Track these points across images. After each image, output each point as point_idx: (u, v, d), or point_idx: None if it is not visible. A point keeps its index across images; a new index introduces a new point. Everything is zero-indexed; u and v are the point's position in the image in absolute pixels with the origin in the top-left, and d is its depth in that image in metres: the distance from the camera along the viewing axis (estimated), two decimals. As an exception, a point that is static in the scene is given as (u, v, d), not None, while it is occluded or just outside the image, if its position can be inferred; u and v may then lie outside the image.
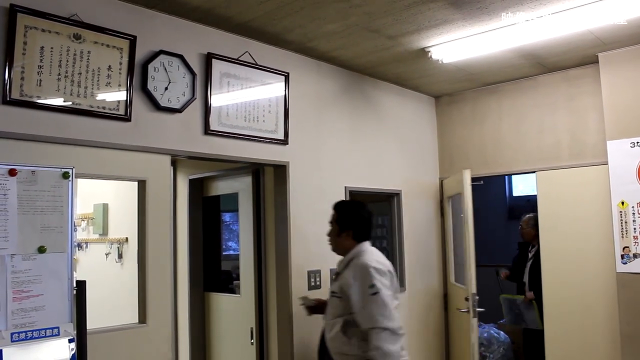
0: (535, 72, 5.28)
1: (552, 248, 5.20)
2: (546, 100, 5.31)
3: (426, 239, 5.80)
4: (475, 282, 4.89)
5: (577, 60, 4.93)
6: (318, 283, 4.48)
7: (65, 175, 2.75)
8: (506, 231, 8.62)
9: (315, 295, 4.18)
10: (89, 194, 5.42)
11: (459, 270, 5.59)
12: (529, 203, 6.86)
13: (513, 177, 8.73)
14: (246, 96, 4.07)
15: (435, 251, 5.92)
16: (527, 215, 6.13)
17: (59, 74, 3.08)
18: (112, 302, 4.56)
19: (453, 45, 4.37)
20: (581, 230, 4.99)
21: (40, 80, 3.00)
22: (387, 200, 5.58)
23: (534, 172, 5.36)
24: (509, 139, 5.56)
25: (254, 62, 4.13)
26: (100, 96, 3.26)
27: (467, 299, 4.93)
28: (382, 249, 6.32)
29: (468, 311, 4.89)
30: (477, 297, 4.85)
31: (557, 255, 5.15)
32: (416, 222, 5.67)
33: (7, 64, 2.87)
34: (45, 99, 3.03)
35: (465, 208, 4.99)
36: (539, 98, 5.36)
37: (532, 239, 5.98)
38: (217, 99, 3.88)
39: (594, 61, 4.86)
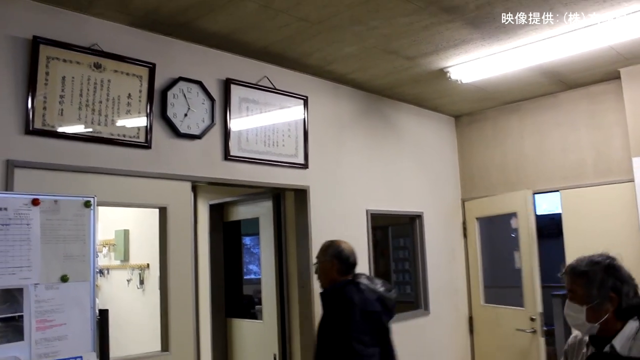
0: (557, 89, 5.24)
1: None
2: (568, 117, 5.27)
3: (449, 261, 5.74)
4: (540, 302, 5.03)
5: (599, 76, 4.89)
6: (341, 308, 4.44)
7: (87, 204, 2.77)
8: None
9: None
10: (110, 220, 5.46)
11: (490, 292, 5.57)
12: (554, 221, 6.77)
13: (536, 195, 8.62)
14: (265, 121, 4.10)
15: (459, 273, 5.85)
16: None
17: (80, 103, 3.13)
18: (134, 329, 4.56)
19: (472, 65, 4.36)
20: (608, 248, 4.89)
21: (62, 110, 3.05)
22: (409, 222, 5.54)
23: (557, 190, 5.29)
24: (531, 158, 5.50)
25: (272, 87, 4.15)
26: (121, 124, 3.30)
27: (532, 319, 5.02)
28: (404, 271, 6.31)
29: (535, 331, 5.00)
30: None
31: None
32: (439, 243, 5.62)
33: (30, 94, 2.92)
34: (67, 128, 3.07)
35: (529, 227, 5.12)
36: (560, 116, 5.32)
37: None
38: (237, 124, 3.90)
39: (616, 77, 4.81)
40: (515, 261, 5.52)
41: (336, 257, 3.29)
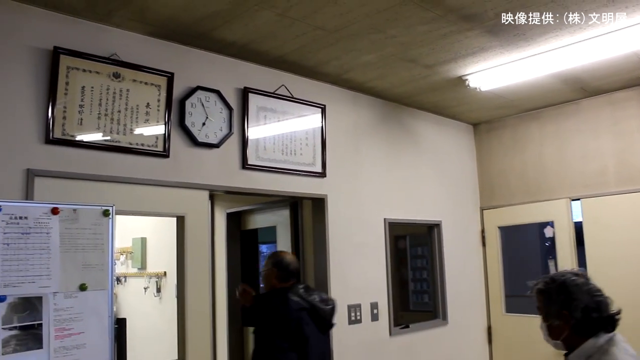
0: (578, 96, 5.19)
1: (600, 275, 5.03)
2: (590, 124, 5.21)
3: (468, 270, 5.70)
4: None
5: (622, 82, 4.83)
6: (359, 317, 4.43)
7: (106, 213, 2.80)
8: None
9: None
10: (127, 227, 5.50)
11: (512, 301, 5.53)
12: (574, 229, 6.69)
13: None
14: (283, 129, 4.11)
15: (478, 282, 5.81)
16: None
17: (99, 113, 3.16)
18: (150, 337, 4.58)
19: (491, 73, 4.34)
20: (631, 257, 4.84)
21: (81, 119, 3.08)
22: (427, 231, 5.51)
23: (578, 199, 5.23)
24: (551, 166, 5.45)
25: (290, 95, 4.17)
26: (139, 133, 3.33)
27: None
28: (421, 280, 6.27)
29: None
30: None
31: (605, 283, 4.98)
32: (457, 252, 5.58)
33: (50, 104, 2.96)
34: (86, 137, 3.10)
35: (568, 236, 5.18)
36: (582, 123, 5.27)
37: None
38: (254, 133, 3.91)
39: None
40: (550, 270, 5.48)
41: (276, 265, 3.43)
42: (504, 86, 4.68)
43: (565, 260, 5.17)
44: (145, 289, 5.41)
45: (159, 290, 5.26)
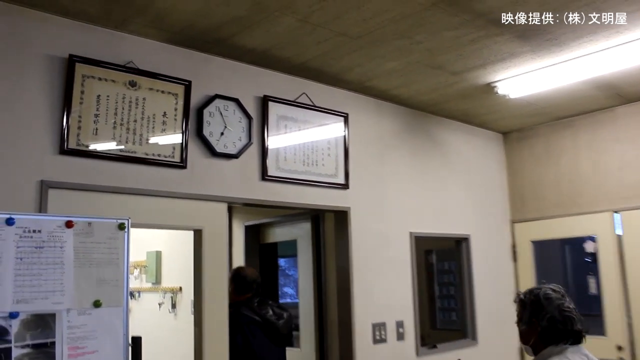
0: (613, 103, 5.13)
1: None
2: (627, 133, 5.14)
3: (498, 287, 5.63)
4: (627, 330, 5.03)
5: (660, 89, 4.78)
6: (383, 336, 4.40)
7: (121, 227, 2.81)
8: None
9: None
10: (141, 240, 5.52)
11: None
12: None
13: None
14: (304, 139, 4.11)
15: (509, 300, 5.72)
16: None
17: (115, 122, 3.19)
18: (165, 356, 4.58)
19: (521, 79, 4.31)
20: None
21: (96, 129, 3.11)
22: (455, 245, 5.47)
23: (617, 212, 5.15)
24: (588, 177, 5.38)
25: (311, 104, 4.17)
26: (156, 143, 3.35)
27: (620, 348, 5.00)
28: (449, 297, 6.21)
29: None
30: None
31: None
32: (486, 268, 5.52)
33: (65, 113, 3.00)
34: (101, 147, 3.13)
35: (613, 251, 5.14)
36: (618, 131, 5.20)
37: None
38: (274, 143, 3.92)
39: (680, 89, 4.71)
40: (590, 287, 5.42)
41: (232, 279, 3.81)
42: (536, 93, 4.65)
43: (610, 277, 5.12)
44: (159, 304, 5.42)
45: (174, 306, 5.26)
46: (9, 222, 2.50)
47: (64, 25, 3.09)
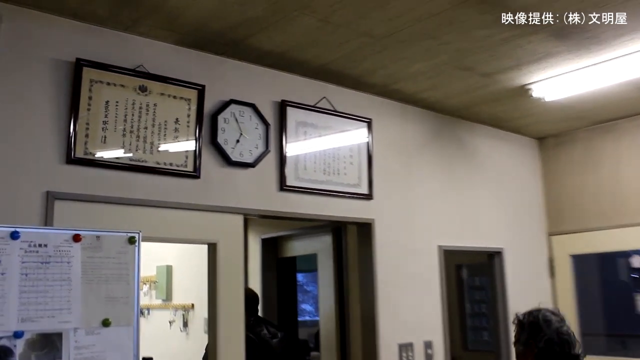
0: (659, 106, 5.07)
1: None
2: (674, 138, 5.07)
3: (534, 304, 5.52)
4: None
5: None
6: (411, 358, 4.35)
7: (132, 240, 2.81)
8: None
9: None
10: (151, 253, 5.52)
11: (589, 340, 5.43)
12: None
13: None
14: (325, 146, 4.09)
15: (546, 318, 5.66)
16: None
17: (124, 130, 3.20)
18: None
19: (558, 81, 4.26)
20: None
21: (105, 137, 3.12)
22: (487, 260, 5.41)
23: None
24: (630, 185, 5.29)
25: (332, 109, 4.16)
26: (167, 151, 3.35)
27: None
28: (480, 315, 6.16)
29: None
30: None
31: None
32: (522, 284, 5.44)
33: (72, 120, 3.00)
34: (110, 156, 3.14)
35: None
36: (665, 136, 5.13)
37: None
38: (293, 151, 3.91)
39: None
40: (637, 306, 5.32)
41: None
42: (573, 95, 4.58)
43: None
44: (170, 322, 5.42)
45: (185, 324, 5.27)
46: (14, 235, 2.50)
47: (70, 27, 3.11)
